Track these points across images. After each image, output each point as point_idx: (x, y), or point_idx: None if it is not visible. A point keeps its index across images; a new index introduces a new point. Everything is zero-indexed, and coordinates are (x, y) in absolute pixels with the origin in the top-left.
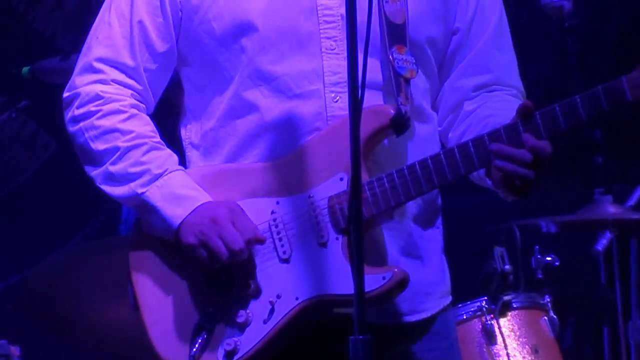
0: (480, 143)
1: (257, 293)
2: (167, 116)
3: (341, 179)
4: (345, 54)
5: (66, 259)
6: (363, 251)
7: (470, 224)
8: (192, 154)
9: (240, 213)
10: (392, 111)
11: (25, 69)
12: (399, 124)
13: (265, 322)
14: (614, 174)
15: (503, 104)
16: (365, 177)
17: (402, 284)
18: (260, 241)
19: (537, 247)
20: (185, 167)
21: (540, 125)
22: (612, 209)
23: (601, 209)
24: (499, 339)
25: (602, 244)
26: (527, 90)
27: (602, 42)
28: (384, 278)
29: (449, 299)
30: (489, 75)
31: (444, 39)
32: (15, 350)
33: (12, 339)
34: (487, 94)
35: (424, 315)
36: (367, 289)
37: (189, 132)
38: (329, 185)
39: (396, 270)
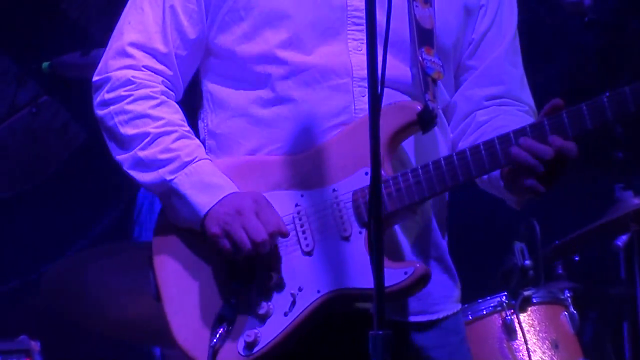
0: (506, 140)
1: (279, 285)
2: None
3: (366, 174)
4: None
5: (89, 254)
6: (383, 245)
7: (490, 219)
8: (211, 143)
9: (265, 205)
10: (418, 107)
11: (45, 64)
12: (426, 120)
13: (286, 314)
14: (634, 168)
15: (516, 118)
16: (390, 172)
17: (423, 279)
18: (284, 234)
19: (557, 242)
20: None
21: (566, 124)
22: (634, 202)
23: (623, 206)
24: (519, 334)
25: (622, 239)
26: (548, 87)
27: (628, 38)
28: (405, 273)
29: (459, 306)
30: (501, 87)
31: (462, 48)
32: (35, 345)
33: (32, 334)
34: (500, 107)
35: (434, 317)
36: (388, 284)
37: (208, 121)
38: (354, 180)
39: (418, 265)
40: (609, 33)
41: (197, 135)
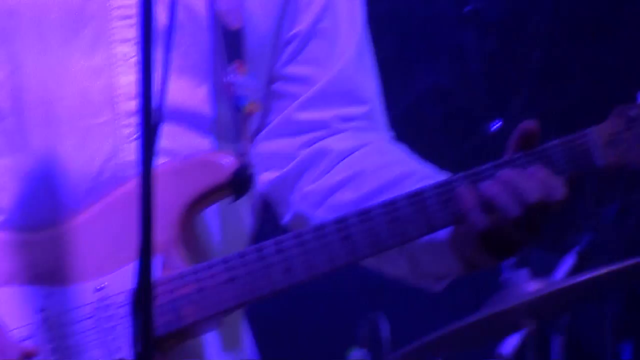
0: (448, 189)
1: None
2: None
3: None
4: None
5: None
6: None
7: (322, 316)
8: None
9: None
10: (231, 164)
11: None
12: (241, 182)
13: None
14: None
15: (395, 155)
16: (184, 260)
17: None
18: (32, 354)
19: (411, 347)
20: None
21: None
22: (530, 288)
23: (513, 293)
24: None
25: (509, 344)
26: (424, 97)
27: (526, 38)
28: None
29: None
30: (360, 107)
31: (279, 50)
32: None
33: None
34: (364, 134)
35: None
36: None
37: None
38: (127, 274)
39: None
40: (501, 33)
41: None
